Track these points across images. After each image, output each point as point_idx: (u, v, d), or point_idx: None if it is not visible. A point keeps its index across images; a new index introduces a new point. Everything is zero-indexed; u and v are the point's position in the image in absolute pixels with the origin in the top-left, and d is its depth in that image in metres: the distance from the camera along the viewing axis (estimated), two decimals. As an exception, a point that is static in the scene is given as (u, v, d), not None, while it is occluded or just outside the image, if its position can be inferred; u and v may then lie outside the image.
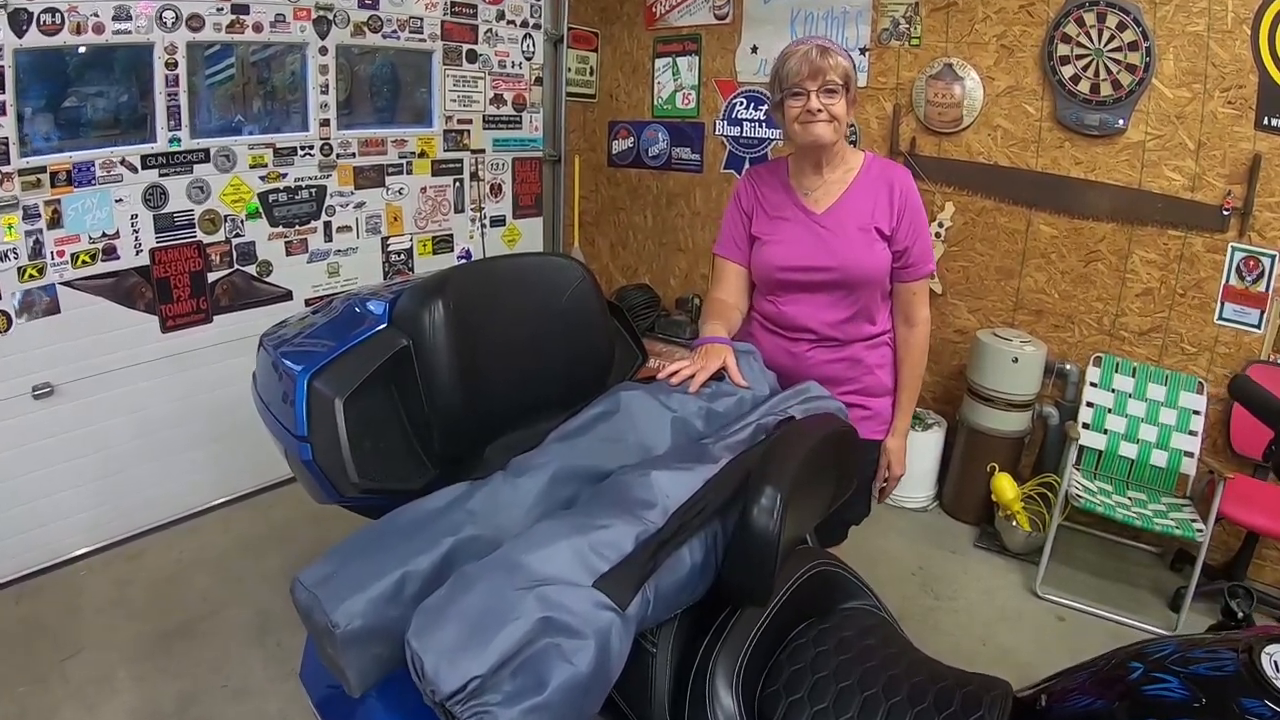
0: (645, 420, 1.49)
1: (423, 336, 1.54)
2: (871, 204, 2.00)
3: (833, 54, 1.88)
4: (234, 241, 3.39)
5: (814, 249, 1.99)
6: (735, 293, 2.10)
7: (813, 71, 1.86)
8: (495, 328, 1.64)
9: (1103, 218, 3.58)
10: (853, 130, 1.87)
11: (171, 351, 3.30)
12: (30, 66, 2.75)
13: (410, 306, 1.58)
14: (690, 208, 4.87)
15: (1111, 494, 3.34)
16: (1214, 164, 3.31)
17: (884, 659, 1.25)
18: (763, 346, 2.01)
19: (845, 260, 1.98)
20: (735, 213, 2.14)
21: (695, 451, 1.41)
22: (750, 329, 2.17)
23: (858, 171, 2.05)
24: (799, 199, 2.05)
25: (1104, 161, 3.50)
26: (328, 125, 3.61)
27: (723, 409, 1.59)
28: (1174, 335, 3.50)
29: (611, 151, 5.06)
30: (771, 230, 2.05)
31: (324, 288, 3.76)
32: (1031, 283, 3.77)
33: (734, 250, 2.13)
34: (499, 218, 4.53)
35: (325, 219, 3.76)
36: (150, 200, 3.10)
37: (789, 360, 2.04)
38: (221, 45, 3.25)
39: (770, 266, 2.04)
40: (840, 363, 2.06)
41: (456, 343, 1.55)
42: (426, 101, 4.03)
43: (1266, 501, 3.13)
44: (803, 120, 1.91)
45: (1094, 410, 3.54)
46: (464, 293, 1.61)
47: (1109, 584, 3.45)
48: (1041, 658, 2.93)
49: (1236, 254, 3.33)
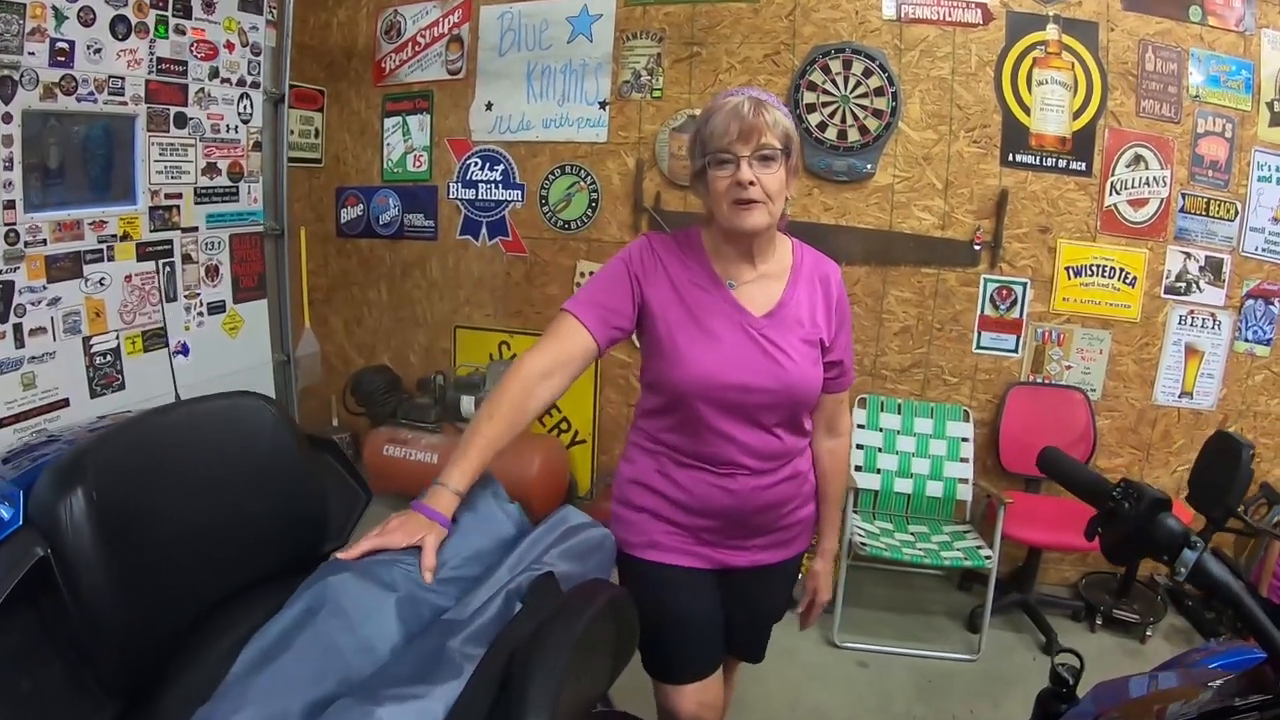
0: (362, 613, 1.19)
1: (61, 541, 1.22)
2: (810, 308, 1.75)
3: (769, 109, 1.60)
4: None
5: (758, 366, 1.67)
6: (565, 370, 1.63)
7: (744, 132, 1.57)
8: (165, 509, 1.35)
9: (856, 261, 3.94)
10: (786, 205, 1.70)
11: None
12: None
13: (44, 499, 1.26)
14: (426, 278, 4.78)
15: (894, 532, 3.64)
16: (962, 201, 3.60)
17: None
18: (679, 484, 1.75)
19: (793, 381, 1.69)
20: (621, 279, 1.71)
21: (431, 655, 1.14)
22: (641, 463, 1.82)
23: (791, 265, 1.78)
24: (730, 296, 1.71)
25: (854, 206, 3.75)
26: (13, 208, 3.11)
27: (460, 570, 1.35)
28: (935, 368, 3.75)
29: (340, 221, 4.89)
30: (700, 334, 1.67)
31: (19, 403, 3.23)
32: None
33: (597, 321, 1.65)
34: (218, 304, 4.16)
35: (15, 320, 3.23)
36: None
37: (728, 500, 1.74)
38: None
39: (700, 382, 1.65)
40: (783, 483, 1.79)
41: (106, 544, 1.24)
42: (129, 174, 3.64)
43: (1044, 515, 3.53)
44: (733, 198, 1.60)
45: (864, 451, 3.79)
46: (113, 470, 1.30)
47: (904, 617, 3.67)
48: (854, 710, 3.07)
49: (989, 285, 3.68)
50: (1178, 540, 1.19)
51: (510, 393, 1.55)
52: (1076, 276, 3.80)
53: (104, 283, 3.56)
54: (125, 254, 3.65)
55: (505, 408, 1.54)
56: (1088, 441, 3.76)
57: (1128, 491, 1.27)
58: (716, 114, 1.60)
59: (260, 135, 4.27)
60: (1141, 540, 1.24)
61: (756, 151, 1.57)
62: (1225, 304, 3.77)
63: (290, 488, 1.51)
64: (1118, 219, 3.76)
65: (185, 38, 3.74)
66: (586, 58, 4.15)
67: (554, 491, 4.11)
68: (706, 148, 1.61)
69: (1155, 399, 3.84)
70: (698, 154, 1.66)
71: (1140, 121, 3.70)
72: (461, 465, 1.46)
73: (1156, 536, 1.21)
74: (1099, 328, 3.82)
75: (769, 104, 1.60)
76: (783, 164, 1.60)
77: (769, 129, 1.57)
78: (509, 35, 4.29)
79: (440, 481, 1.44)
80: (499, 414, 1.53)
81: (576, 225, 4.33)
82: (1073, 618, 3.69)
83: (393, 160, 4.70)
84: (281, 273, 4.54)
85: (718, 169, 1.60)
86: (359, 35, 4.63)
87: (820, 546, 2.00)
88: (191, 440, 1.42)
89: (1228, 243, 3.73)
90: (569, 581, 1.34)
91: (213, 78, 3.93)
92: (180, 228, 3.90)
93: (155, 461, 1.36)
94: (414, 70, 4.53)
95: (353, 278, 4.96)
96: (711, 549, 1.80)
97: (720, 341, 1.67)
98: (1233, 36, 3.64)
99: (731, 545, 1.80)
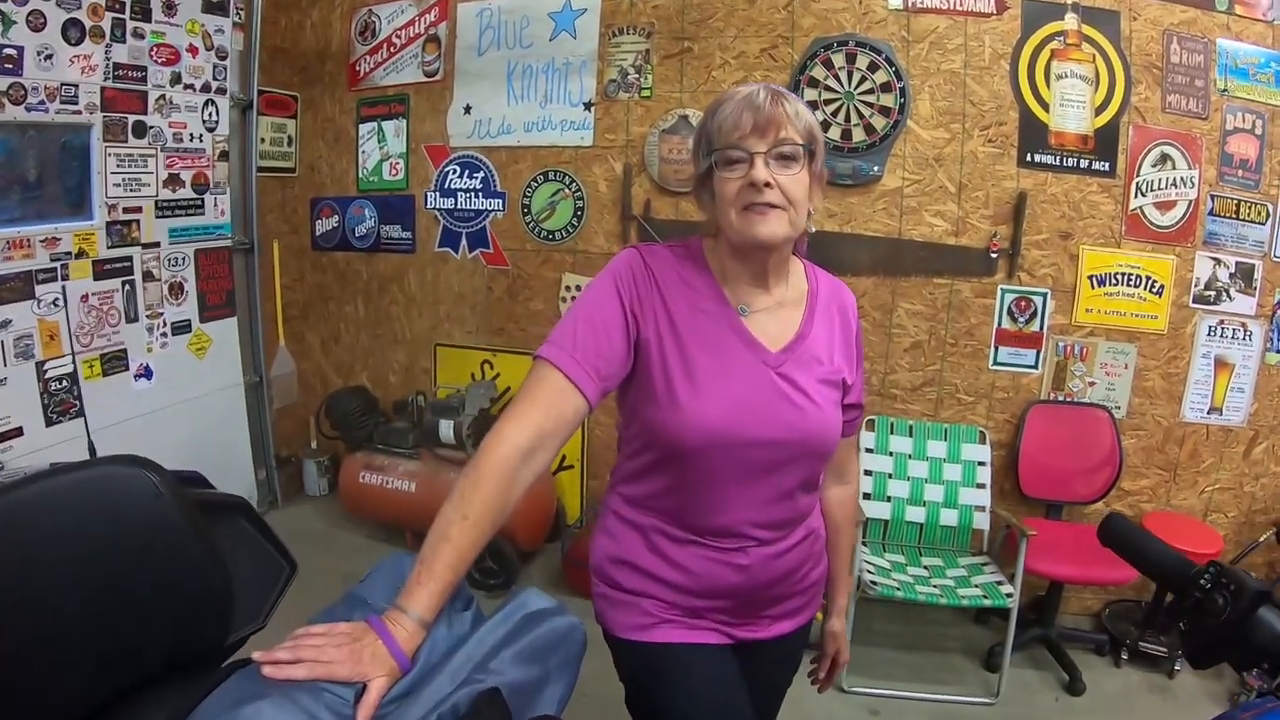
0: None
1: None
2: (828, 342, 1.51)
3: (790, 100, 1.36)
4: None
5: (779, 413, 1.41)
6: (553, 442, 1.32)
7: (760, 124, 1.32)
8: (13, 604, 1.14)
9: (862, 272, 3.79)
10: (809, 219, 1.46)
11: None
12: None
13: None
14: (405, 293, 4.66)
15: (906, 566, 3.49)
16: (977, 206, 3.43)
17: None
18: (677, 565, 1.48)
19: (816, 429, 1.44)
20: (611, 311, 1.41)
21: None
22: (626, 540, 1.54)
23: (807, 291, 1.54)
24: (742, 325, 1.44)
25: (860, 212, 3.59)
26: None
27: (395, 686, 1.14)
28: (948, 386, 3.60)
29: (315, 233, 4.78)
30: (706, 374, 1.40)
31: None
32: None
33: (588, 374, 1.35)
34: (183, 323, 4.07)
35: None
36: None
37: (738, 578, 1.48)
38: None
39: (711, 435, 1.38)
40: (797, 547, 1.55)
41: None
42: (85, 188, 3.58)
43: (1068, 546, 3.36)
44: (744, 203, 1.35)
45: (873, 478, 3.63)
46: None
47: (917, 656, 3.51)
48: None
49: (1007, 296, 3.53)
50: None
51: (485, 487, 1.23)
52: (1100, 286, 3.65)
53: (58, 303, 3.47)
54: (81, 272, 3.56)
55: (482, 506, 1.21)
56: (1113, 464, 3.60)
57: (1219, 580, 1.03)
58: (726, 104, 1.36)
59: (227, 144, 4.22)
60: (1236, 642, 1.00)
61: (775, 148, 1.32)
62: (1256, 313, 3.61)
63: (178, 567, 1.29)
64: (1143, 223, 3.61)
65: (144, 42, 3.72)
66: (570, 56, 4.04)
67: (540, 522, 4.00)
68: (713, 144, 1.37)
69: (1183, 416, 3.68)
70: (703, 153, 1.41)
71: (1166, 118, 3.56)
72: (429, 585, 1.15)
73: (1255, 639, 0.98)
74: (1124, 341, 3.67)
75: (788, 96, 1.36)
76: (806, 165, 1.35)
77: (789, 122, 1.33)
78: (488, 33, 4.18)
79: (401, 606, 1.13)
80: (474, 514, 1.20)
81: (561, 236, 4.19)
82: (1096, 652, 3.53)
83: (368, 169, 4.59)
84: (252, 289, 4.49)
85: (727, 169, 1.35)
86: (333, 37, 4.54)
87: (834, 604, 1.78)
88: (47, 522, 1.19)
89: (1259, 247, 3.58)
90: (521, 693, 1.13)
91: (175, 84, 3.87)
92: (140, 243, 3.82)
93: (3, 548, 1.15)
94: (389, 73, 4.43)
95: (329, 292, 4.86)
96: (723, 627, 1.55)
97: (732, 383, 1.40)
98: (1261, 26, 3.50)
99: (743, 622, 1.56)
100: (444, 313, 4.51)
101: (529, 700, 1.13)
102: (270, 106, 4.46)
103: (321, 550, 3.98)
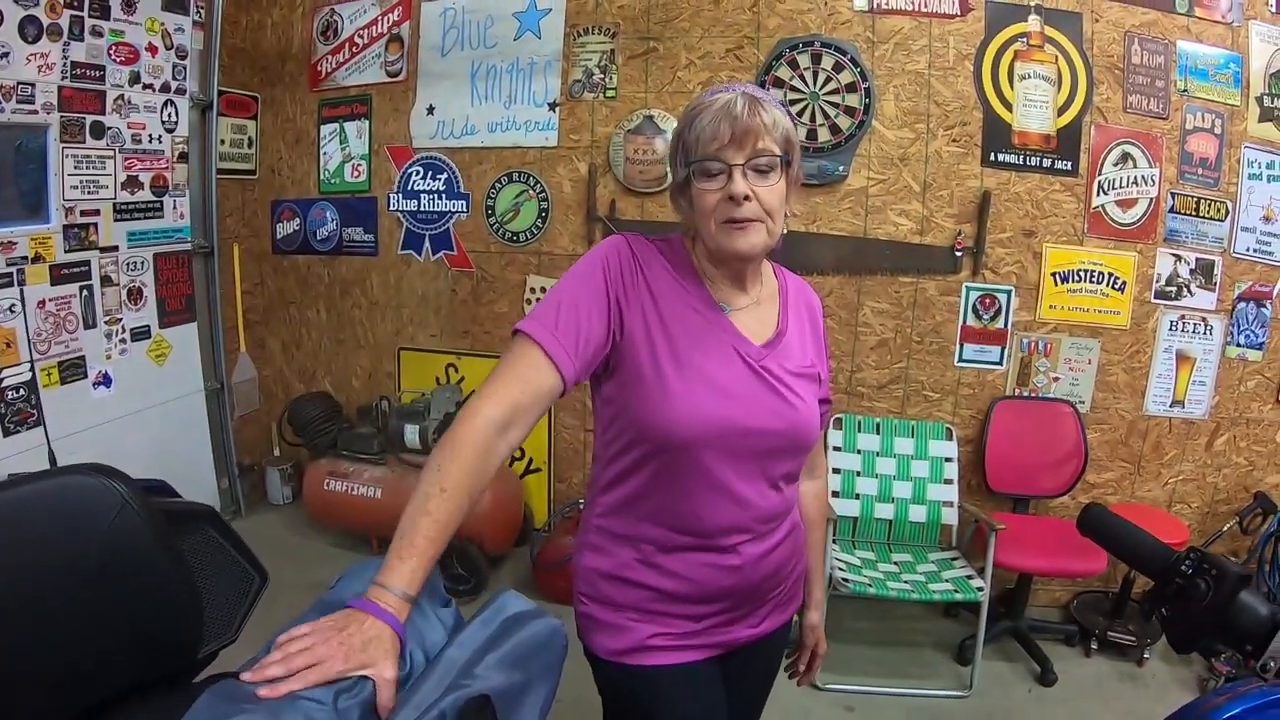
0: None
1: None
2: (800, 338, 1.56)
3: (767, 107, 1.36)
4: None
5: (767, 404, 1.44)
6: (526, 419, 1.31)
7: (738, 135, 1.32)
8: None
9: (828, 271, 3.88)
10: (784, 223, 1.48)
11: None
12: None
13: None
14: (367, 297, 4.68)
15: (876, 563, 3.56)
16: (942, 205, 3.48)
17: None
18: (671, 573, 1.47)
19: (801, 420, 1.47)
20: (595, 292, 1.40)
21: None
22: (617, 554, 1.51)
23: (779, 289, 1.59)
24: (728, 321, 1.47)
25: (825, 211, 3.65)
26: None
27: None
28: (915, 384, 3.65)
29: (276, 236, 4.79)
30: (695, 365, 1.40)
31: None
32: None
33: (567, 352, 1.34)
34: (142, 329, 4.09)
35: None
36: None
37: (733, 579, 1.48)
38: None
39: (704, 425, 1.38)
40: (784, 542, 1.57)
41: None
42: (41, 190, 3.56)
43: (1036, 539, 3.44)
44: (724, 217, 1.36)
45: (842, 475, 3.70)
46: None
47: (889, 652, 3.58)
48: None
49: (972, 294, 3.59)
50: (1265, 627, 0.96)
51: (463, 458, 1.21)
52: (1064, 282, 3.76)
53: (14, 310, 3.44)
54: (38, 277, 3.54)
55: (459, 477, 1.20)
56: (1078, 458, 3.71)
57: (1201, 565, 1.05)
58: (703, 113, 1.36)
59: (187, 145, 4.22)
60: (1219, 627, 1.01)
61: (752, 159, 1.33)
62: (1216, 308, 3.74)
63: (145, 579, 1.28)
64: (1105, 221, 3.72)
65: (103, 40, 3.72)
66: (535, 56, 4.09)
67: (509, 525, 4.03)
68: (690, 154, 1.38)
69: (1146, 409, 3.81)
70: (680, 162, 1.42)
71: (1127, 118, 3.68)
72: (411, 560, 1.12)
73: (1238, 623, 0.99)
74: (1087, 336, 3.79)
75: (766, 102, 1.37)
76: (783, 174, 1.37)
77: (767, 131, 1.34)
78: (452, 33, 4.22)
79: (382, 583, 1.10)
80: (451, 486, 1.19)
81: (526, 237, 4.23)
82: (1066, 642, 3.63)
83: (330, 170, 4.61)
84: (213, 294, 4.49)
85: (704, 180, 1.36)
86: (294, 37, 4.57)
87: (811, 597, 1.82)
88: (6, 534, 1.17)
89: (1218, 244, 3.71)
90: (504, 699, 1.11)
91: (134, 83, 3.86)
92: (98, 247, 3.80)
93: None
94: (351, 73, 4.45)
95: (290, 297, 4.88)
96: (714, 634, 1.55)
97: (721, 373, 1.41)
98: (1220, 28, 3.64)
99: (738, 623, 1.57)
100: (408, 316, 4.54)
101: (512, 706, 1.11)
102: (230, 107, 4.46)
103: (287, 559, 3.96)
